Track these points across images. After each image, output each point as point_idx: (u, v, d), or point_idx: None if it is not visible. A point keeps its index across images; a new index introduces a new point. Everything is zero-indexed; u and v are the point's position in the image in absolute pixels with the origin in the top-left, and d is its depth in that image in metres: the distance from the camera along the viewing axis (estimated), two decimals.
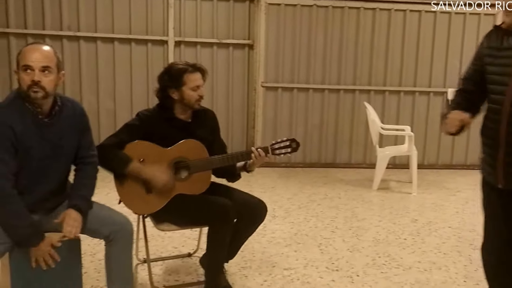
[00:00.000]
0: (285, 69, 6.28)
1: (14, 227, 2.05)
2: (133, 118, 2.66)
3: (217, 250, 2.54)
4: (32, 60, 2.05)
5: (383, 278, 3.09)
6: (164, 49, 6.09)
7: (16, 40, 5.81)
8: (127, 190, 2.56)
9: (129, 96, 6.14)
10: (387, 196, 5.12)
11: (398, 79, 6.45)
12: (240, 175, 2.81)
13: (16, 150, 2.08)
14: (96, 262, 3.13)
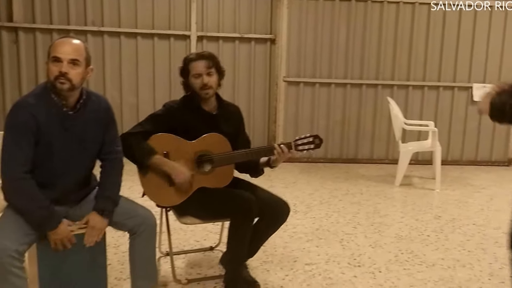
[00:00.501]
0: (307, 63, 6.25)
1: (29, 212, 2.08)
2: (159, 109, 2.68)
3: (238, 244, 2.54)
4: (61, 52, 2.09)
5: (406, 274, 3.07)
6: (186, 44, 6.12)
7: (42, 35, 5.92)
8: (150, 182, 2.58)
9: (151, 91, 6.19)
10: (409, 192, 5.06)
11: (422, 73, 6.35)
12: (263, 171, 2.81)
13: (38, 140, 2.11)
14: (120, 254, 3.18)
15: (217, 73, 2.65)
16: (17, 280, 2.00)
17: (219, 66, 2.67)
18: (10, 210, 2.15)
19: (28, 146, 2.09)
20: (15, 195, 2.11)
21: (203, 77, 2.59)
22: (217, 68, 2.65)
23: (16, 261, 1.98)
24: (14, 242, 1.99)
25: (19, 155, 2.08)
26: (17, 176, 2.08)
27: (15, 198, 2.12)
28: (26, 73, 5.96)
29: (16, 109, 2.10)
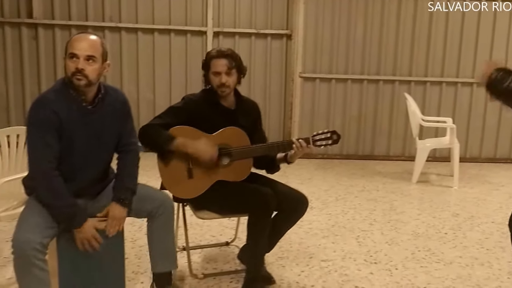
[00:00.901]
0: (323, 59, 6.21)
1: (57, 208, 2.12)
2: (178, 102, 2.70)
3: (258, 239, 2.53)
4: (78, 49, 2.11)
5: (423, 272, 3.04)
6: (202, 40, 6.13)
7: (60, 31, 5.99)
8: (170, 174, 2.60)
9: (168, 86, 6.22)
10: (426, 189, 5.01)
11: (440, 69, 6.27)
12: (280, 167, 2.80)
13: (60, 136, 2.14)
14: (137, 248, 3.21)
15: (237, 72, 2.65)
16: (40, 273, 2.04)
17: (240, 65, 2.65)
18: (32, 203, 2.19)
19: (54, 143, 2.12)
20: (43, 191, 2.14)
21: (222, 75, 2.59)
22: (238, 68, 2.64)
23: (39, 254, 2.02)
24: (37, 235, 2.03)
25: (46, 152, 2.11)
26: (46, 173, 2.11)
27: (43, 194, 2.15)
28: (45, 69, 6.04)
29: (37, 106, 2.13)
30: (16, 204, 2.68)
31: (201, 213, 2.67)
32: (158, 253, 2.40)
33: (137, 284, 2.73)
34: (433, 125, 5.79)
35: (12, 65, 6.03)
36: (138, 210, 2.35)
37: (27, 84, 6.07)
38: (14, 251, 2.02)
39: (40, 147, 2.10)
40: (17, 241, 2.01)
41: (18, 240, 2.01)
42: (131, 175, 2.37)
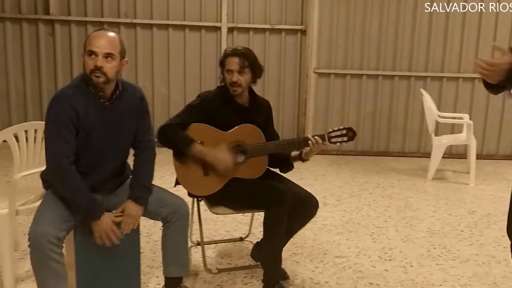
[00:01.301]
0: (338, 54, 6.17)
1: (75, 202, 2.15)
2: (194, 99, 2.70)
3: (275, 236, 2.51)
4: (97, 46, 2.12)
5: (438, 269, 3.01)
6: (217, 36, 6.13)
7: (76, 27, 6.04)
8: (185, 171, 2.61)
9: (182, 82, 6.24)
10: (442, 186, 4.96)
11: (457, 65, 6.18)
12: (293, 166, 2.80)
13: (78, 132, 2.17)
14: (152, 243, 3.23)
15: (251, 71, 2.63)
16: (56, 265, 2.07)
17: (254, 64, 2.63)
18: (50, 197, 2.22)
19: (72, 138, 2.15)
20: (61, 186, 2.17)
21: (234, 74, 2.59)
22: (251, 67, 2.62)
23: (55, 247, 2.04)
24: (54, 229, 2.05)
25: (64, 147, 2.13)
26: (64, 168, 2.14)
27: (61, 188, 2.17)
28: (61, 65, 6.10)
29: (56, 102, 2.16)
30: (34, 198, 2.71)
31: (216, 209, 2.67)
32: (171, 259, 2.42)
33: (152, 278, 2.75)
34: (449, 121, 5.73)
35: (29, 61, 6.11)
36: (154, 213, 2.37)
37: (43, 80, 6.14)
38: (31, 244, 2.05)
39: (58, 142, 2.13)
40: (34, 235, 2.04)
41: (35, 233, 2.04)
42: (147, 173, 2.39)
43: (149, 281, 2.71)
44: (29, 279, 2.65)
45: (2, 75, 6.13)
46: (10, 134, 2.89)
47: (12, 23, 6.03)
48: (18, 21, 6.03)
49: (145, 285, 2.63)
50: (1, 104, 6.19)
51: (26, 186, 2.85)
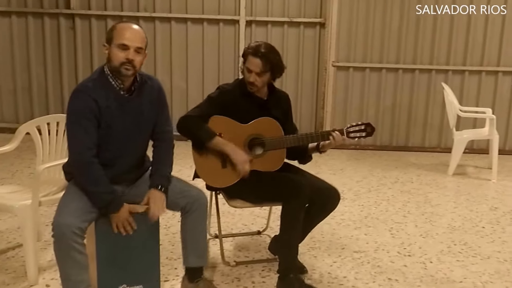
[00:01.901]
0: (357, 48, 6.11)
1: (96, 194, 2.18)
2: (214, 91, 2.71)
3: (292, 229, 2.52)
4: (130, 40, 2.16)
5: (459, 266, 2.97)
6: (235, 29, 6.13)
7: (97, 21, 6.10)
8: (204, 162, 2.63)
9: (200, 75, 6.25)
10: (463, 182, 4.89)
11: (480, 58, 6.06)
12: (312, 157, 2.79)
13: (99, 124, 2.19)
14: (170, 235, 3.26)
15: (271, 73, 2.62)
16: (78, 256, 2.10)
17: (275, 66, 2.60)
18: (72, 188, 2.26)
19: (93, 130, 2.18)
20: (83, 178, 2.20)
21: (252, 74, 2.58)
22: (273, 70, 2.60)
23: (78, 238, 2.08)
24: (76, 219, 2.09)
25: (86, 140, 2.16)
26: (86, 161, 2.17)
27: (83, 180, 2.21)
28: (82, 58, 6.17)
29: (77, 95, 2.18)
30: (56, 189, 2.76)
31: (234, 202, 2.69)
32: (191, 249, 2.44)
33: (171, 269, 2.78)
34: (471, 115, 5.64)
35: (50, 55, 6.19)
36: (173, 204, 2.38)
37: (64, 73, 6.22)
38: (54, 235, 2.09)
39: (79, 135, 2.16)
40: (57, 225, 2.08)
41: (57, 224, 2.08)
42: (167, 163, 2.42)
43: (168, 273, 2.74)
44: (51, 269, 2.70)
45: (25, 68, 6.23)
46: (33, 126, 2.95)
47: (34, 17, 6.12)
48: (40, 16, 6.11)
49: (164, 276, 2.66)
50: (24, 98, 6.29)
51: (49, 178, 2.90)
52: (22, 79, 6.26)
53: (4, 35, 6.17)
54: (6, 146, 2.90)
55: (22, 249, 2.78)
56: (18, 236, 3.14)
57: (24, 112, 6.30)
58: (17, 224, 3.26)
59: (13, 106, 6.33)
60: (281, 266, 2.60)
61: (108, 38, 2.20)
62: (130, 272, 2.35)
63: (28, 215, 2.50)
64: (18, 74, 6.25)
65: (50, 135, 2.96)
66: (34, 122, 2.98)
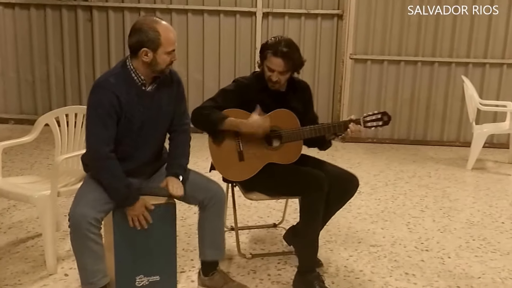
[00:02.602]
0: (375, 40, 6.02)
1: (114, 188, 2.19)
2: (230, 84, 2.70)
3: (313, 222, 2.49)
4: (175, 44, 2.24)
5: (477, 262, 2.93)
6: (252, 21, 6.09)
7: (114, 13, 6.12)
8: (221, 156, 2.63)
9: (217, 67, 6.24)
10: (482, 176, 4.81)
11: (501, 50, 5.93)
12: (331, 143, 2.77)
13: (119, 118, 2.20)
14: (187, 226, 3.27)
15: (293, 70, 2.60)
16: (94, 246, 2.13)
17: (296, 63, 2.58)
18: (90, 180, 2.28)
19: (112, 125, 2.19)
20: (100, 172, 2.22)
21: (275, 73, 2.56)
22: (294, 67, 2.59)
23: (94, 228, 2.10)
24: (93, 210, 2.11)
25: (105, 135, 2.17)
26: (104, 155, 2.18)
27: (100, 175, 2.22)
28: (99, 50, 6.21)
29: (99, 89, 2.19)
30: (74, 180, 2.78)
31: (251, 195, 2.68)
32: (208, 243, 2.44)
33: (187, 261, 2.79)
34: (492, 109, 5.54)
35: (68, 47, 6.24)
36: (191, 197, 2.38)
37: (82, 65, 6.27)
38: (71, 225, 2.11)
39: (99, 129, 2.17)
40: (74, 216, 2.10)
41: (74, 214, 2.10)
42: (184, 154, 2.42)
43: (185, 264, 2.75)
44: (69, 259, 2.74)
45: (43, 60, 6.30)
46: (52, 118, 2.98)
47: (52, 9, 6.17)
48: (58, 8, 6.15)
49: (180, 267, 2.67)
50: (42, 89, 6.36)
51: (67, 169, 2.94)
52: (40, 71, 6.33)
53: (23, 28, 6.24)
54: (25, 137, 2.94)
55: (41, 239, 2.83)
56: (37, 226, 3.19)
57: (43, 103, 6.38)
58: (36, 214, 3.31)
59: (31, 98, 6.41)
60: (301, 262, 2.56)
61: (153, 45, 2.16)
62: (147, 263, 2.36)
63: (47, 205, 2.53)
64: (36, 66, 6.31)
65: (69, 127, 2.99)
66: (53, 114, 3.01)
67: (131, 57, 2.23)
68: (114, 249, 2.29)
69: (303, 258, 2.57)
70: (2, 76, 6.38)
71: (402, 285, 2.63)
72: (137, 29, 2.17)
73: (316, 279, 2.47)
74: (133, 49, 2.19)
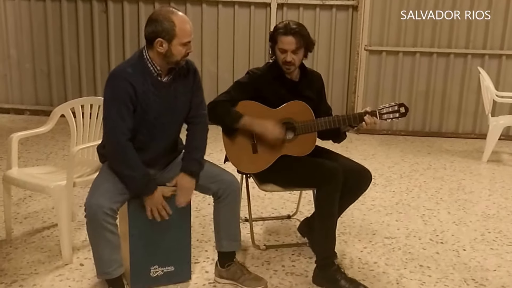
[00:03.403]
0: (390, 31, 5.95)
1: (130, 178, 2.20)
2: (243, 76, 2.70)
3: (329, 215, 2.47)
4: (191, 34, 2.21)
5: (493, 254, 2.91)
6: (266, 12, 6.06)
7: (129, 5, 6.13)
8: (235, 148, 2.63)
9: (231, 59, 6.23)
10: (498, 169, 4.75)
11: None
12: (346, 135, 2.76)
13: (135, 108, 2.21)
14: (201, 217, 3.29)
15: (304, 49, 2.58)
16: (110, 236, 2.15)
17: (308, 42, 2.57)
18: (106, 170, 2.29)
19: (129, 115, 2.19)
20: (118, 162, 2.23)
21: (288, 54, 2.54)
22: (305, 45, 2.57)
23: (110, 218, 2.12)
24: (108, 200, 2.13)
25: (122, 125, 2.18)
26: (122, 145, 2.19)
27: (118, 165, 2.23)
28: (114, 41, 6.23)
29: (115, 80, 2.19)
30: (90, 171, 2.81)
31: (265, 186, 2.68)
32: (223, 234, 2.45)
33: (202, 251, 2.81)
34: (508, 101, 5.45)
35: (83, 38, 6.27)
36: (205, 188, 2.39)
37: (97, 57, 6.30)
38: (87, 215, 2.13)
39: (116, 119, 2.17)
40: (90, 206, 2.12)
41: (90, 204, 2.12)
42: (200, 148, 2.41)
43: (199, 255, 2.77)
44: (85, 249, 2.77)
45: (58, 52, 6.35)
46: (68, 108, 3.00)
47: (67, 1, 6.19)
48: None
49: (194, 258, 2.69)
50: (57, 80, 6.42)
51: (83, 159, 2.96)
52: (56, 62, 6.38)
53: (39, 19, 6.29)
54: (41, 128, 2.97)
55: (57, 229, 2.87)
56: (52, 216, 3.23)
57: (58, 94, 6.43)
58: (52, 205, 3.35)
59: (47, 89, 6.47)
60: (318, 255, 2.53)
61: (168, 36, 2.15)
62: (162, 253, 2.38)
63: (63, 195, 2.55)
64: (52, 57, 6.37)
65: (84, 117, 3.01)
66: (68, 104, 3.03)
67: (147, 48, 2.23)
68: (129, 240, 2.31)
69: (321, 251, 2.54)
70: (18, 67, 6.45)
71: (416, 277, 2.62)
72: (153, 19, 2.17)
73: (338, 272, 2.44)
74: (148, 39, 2.19)
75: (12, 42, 6.39)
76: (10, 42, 6.39)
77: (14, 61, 6.44)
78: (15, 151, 2.81)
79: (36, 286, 2.42)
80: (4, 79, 6.51)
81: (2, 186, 2.81)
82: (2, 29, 6.36)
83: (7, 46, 6.41)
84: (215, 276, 2.51)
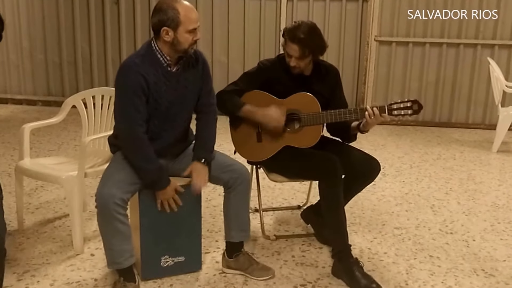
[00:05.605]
0: (400, 22, 5.91)
1: (145, 170, 2.22)
2: (253, 67, 2.70)
3: (336, 208, 2.47)
4: (197, 21, 2.20)
5: (503, 245, 2.91)
6: (277, 3, 6.04)
7: None
8: (240, 137, 2.67)
9: (241, 50, 6.23)
10: (508, 159, 4.73)
11: None
12: (356, 137, 2.74)
13: (147, 99, 2.22)
14: (211, 208, 3.31)
15: (312, 55, 2.56)
16: (121, 226, 2.16)
17: (315, 49, 2.54)
18: (116, 161, 2.31)
19: (143, 106, 2.20)
20: (133, 154, 2.24)
21: (292, 59, 2.54)
22: (313, 52, 2.54)
23: (120, 208, 2.14)
24: (119, 191, 2.14)
25: (137, 116, 2.19)
26: (137, 137, 2.20)
27: (133, 157, 2.25)
28: (125, 32, 6.27)
29: (126, 71, 2.20)
30: (101, 161, 2.84)
31: (274, 176, 2.70)
32: (233, 224, 2.46)
33: (212, 242, 2.84)
34: None
35: (95, 29, 6.30)
36: (216, 178, 2.41)
37: (108, 48, 6.33)
38: (98, 205, 2.14)
39: (130, 111, 2.18)
40: (100, 196, 2.13)
41: (101, 195, 2.13)
42: (210, 136, 2.43)
43: (209, 245, 2.80)
44: (96, 239, 2.80)
45: (70, 43, 6.39)
46: (79, 99, 3.02)
47: None
48: None
49: (205, 248, 2.71)
50: (69, 71, 6.47)
51: (94, 150, 2.99)
52: (67, 53, 6.43)
53: (51, 11, 6.33)
54: (53, 119, 3.00)
55: (69, 219, 2.90)
56: (64, 207, 3.27)
57: (70, 85, 6.49)
58: (63, 195, 3.39)
59: (59, 80, 6.52)
60: (334, 249, 2.53)
61: (173, 24, 2.15)
62: (172, 244, 2.40)
63: (74, 186, 2.57)
64: (64, 48, 6.41)
65: (95, 108, 3.03)
66: (80, 95, 3.06)
67: (155, 38, 2.24)
68: (140, 230, 2.33)
69: (334, 242, 2.55)
70: (30, 58, 6.51)
71: (426, 267, 2.63)
72: (158, 9, 2.18)
73: (355, 265, 2.43)
74: (155, 29, 2.20)
75: (25, 34, 6.45)
76: (23, 33, 6.45)
77: (26, 52, 6.50)
78: (27, 141, 2.84)
79: (47, 276, 2.45)
80: (16, 70, 6.57)
81: (14, 176, 2.84)
82: (15, 21, 6.41)
83: (20, 38, 6.47)
84: (223, 267, 2.53)
